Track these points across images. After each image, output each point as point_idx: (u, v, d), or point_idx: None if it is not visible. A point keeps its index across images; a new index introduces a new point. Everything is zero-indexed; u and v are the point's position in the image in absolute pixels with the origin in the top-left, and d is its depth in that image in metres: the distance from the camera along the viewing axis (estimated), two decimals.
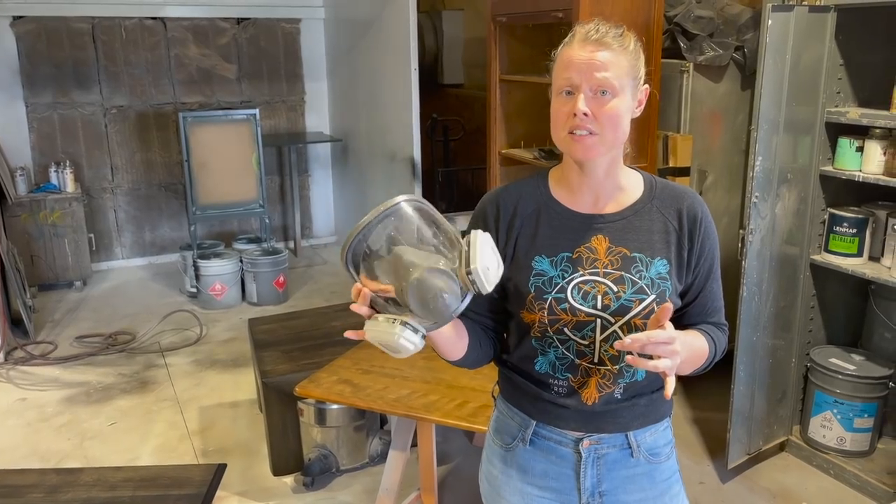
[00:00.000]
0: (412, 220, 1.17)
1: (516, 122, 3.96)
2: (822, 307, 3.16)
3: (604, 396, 1.38)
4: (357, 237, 1.14)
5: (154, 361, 4.24)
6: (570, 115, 1.28)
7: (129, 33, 5.63)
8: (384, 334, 1.15)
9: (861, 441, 3.01)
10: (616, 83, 1.27)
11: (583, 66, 1.27)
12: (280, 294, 5.11)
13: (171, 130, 5.87)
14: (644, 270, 1.33)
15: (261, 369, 2.94)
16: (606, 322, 1.34)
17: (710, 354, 1.39)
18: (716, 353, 1.40)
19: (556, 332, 1.35)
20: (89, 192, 5.70)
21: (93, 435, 3.45)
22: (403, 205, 1.16)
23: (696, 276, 1.39)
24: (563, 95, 1.30)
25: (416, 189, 4.82)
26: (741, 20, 3.60)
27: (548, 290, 1.34)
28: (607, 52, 1.27)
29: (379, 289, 1.17)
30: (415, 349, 1.16)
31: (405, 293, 1.13)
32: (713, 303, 1.44)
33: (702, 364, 1.39)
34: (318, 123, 6.43)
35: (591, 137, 1.28)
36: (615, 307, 1.33)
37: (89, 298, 5.28)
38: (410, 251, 1.15)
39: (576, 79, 1.27)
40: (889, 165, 2.74)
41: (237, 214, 5.53)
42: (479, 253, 1.14)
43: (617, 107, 1.28)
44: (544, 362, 1.39)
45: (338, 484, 3.05)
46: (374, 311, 1.19)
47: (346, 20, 5.83)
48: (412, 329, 1.15)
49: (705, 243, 1.38)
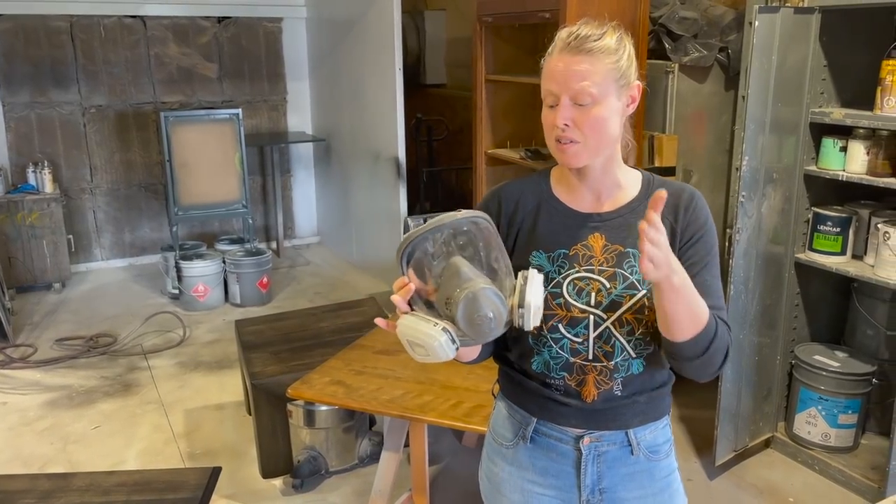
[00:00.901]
0: (481, 239, 1.20)
1: (502, 122, 3.97)
2: (805, 305, 3.20)
3: (602, 393, 1.39)
4: (425, 235, 1.16)
5: (137, 364, 4.19)
6: (555, 125, 1.30)
7: (108, 32, 5.56)
8: (422, 334, 1.15)
9: (845, 437, 3.05)
10: (595, 91, 1.27)
11: (561, 78, 1.29)
12: (264, 295, 5.07)
13: (152, 130, 5.81)
14: (636, 265, 1.34)
15: (250, 371, 2.92)
16: (599, 318, 1.35)
17: (710, 326, 1.27)
18: (716, 331, 1.28)
19: (549, 329, 1.36)
20: (68, 193, 5.62)
21: (76, 439, 3.40)
22: (481, 221, 1.19)
23: (688, 263, 1.33)
24: (548, 105, 1.32)
25: (401, 188, 4.81)
26: (724, 21, 3.63)
27: (544, 284, 1.35)
28: (585, 60, 1.27)
29: (423, 289, 1.18)
30: (444, 358, 1.16)
31: (454, 303, 1.14)
32: (709, 297, 1.34)
33: (700, 330, 1.26)
34: (300, 123, 6.40)
35: (574, 146, 1.30)
36: (607, 303, 1.34)
37: (68, 300, 5.20)
38: (468, 265, 1.17)
39: (556, 90, 1.29)
40: (872, 165, 2.78)
41: (220, 215, 5.48)
42: (534, 290, 1.18)
43: (599, 114, 1.28)
44: (539, 361, 1.40)
45: (327, 486, 3.03)
46: (410, 308, 1.20)
47: (329, 20, 5.81)
48: (451, 338, 1.15)
49: (694, 229, 1.36)
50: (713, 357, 1.30)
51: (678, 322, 1.24)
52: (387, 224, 5.14)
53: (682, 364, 1.33)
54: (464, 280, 1.15)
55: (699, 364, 1.31)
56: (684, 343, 1.27)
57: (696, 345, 1.27)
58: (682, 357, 1.30)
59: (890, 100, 2.66)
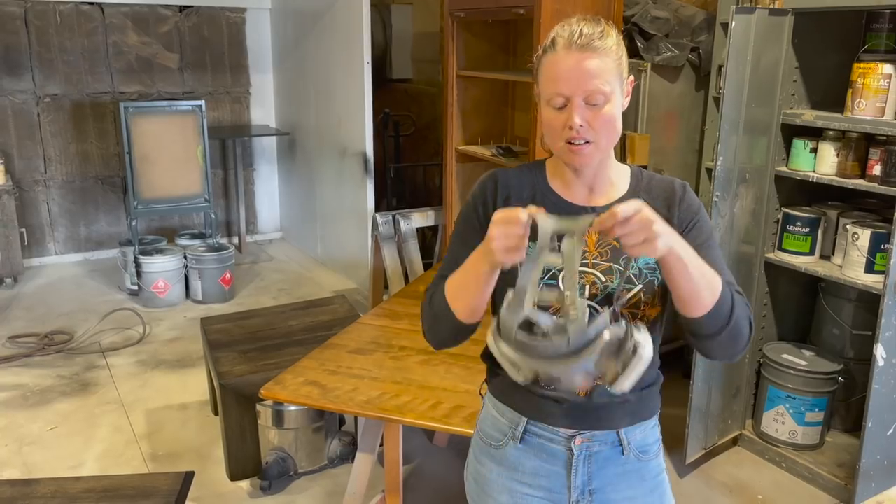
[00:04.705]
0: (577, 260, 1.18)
1: (473, 119, 3.94)
2: (774, 304, 3.24)
3: (597, 387, 1.37)
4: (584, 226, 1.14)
5: (95, 362, 4.06)
6: (566, 126, 1.26)
7: (64, 18, 5.37)
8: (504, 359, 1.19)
9: (812, 434, 3.09)
10: (607, 88, 1.25)
11: (572, 77, 1.25)
12: (226, 292, 4.96)
13: (109, 121, 5.64)
14: (632, 261, 1.33)
15: (217, 371, 2.83)
16: (594, 311, 1.33)
17: (726, 294, 1.25)
18: (733, 299, 1.27)
19: None
20: (20, 185, 5.41)
21: (32, 440, 3.27)
22: None
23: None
24: (554, 107, 1.28)
25: (369, 184, 4.75)
26: (696, 21, 3.66)
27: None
28: (595, 57, 1.25)
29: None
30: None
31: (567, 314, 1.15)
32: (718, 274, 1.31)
33: (718, 299, 1.23)
34: (263, 116, 6.27)
35: (589, 146, 1.28)
36: (602, 297, 1.34)
37: (21, 296, 5.02)
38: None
39: (566, 90, 1.25)
40: (842, 166, 2.82)
41: (181, 209, 5.34)
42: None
43: (610, 111, 1.27)
44: None
45: (296, 487, 2.97)
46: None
47: (295, 11, 5.70)
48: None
49: (689, 217, 1.36)
50: (737, 328, 1.28)
51: (694, 294, 1.22)
52: (353, 220, 5.07)
53: (710, 344, 1.30)
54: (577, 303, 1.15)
55: (727, 338, 1.28)
56: (706, 317, 1.24)
57: (718, 315, 1.25)
58: (708, 333, 1.27)
59: (860, 102, 2.70)
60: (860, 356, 3.07)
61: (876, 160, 2.68)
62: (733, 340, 1.30)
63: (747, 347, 1.34)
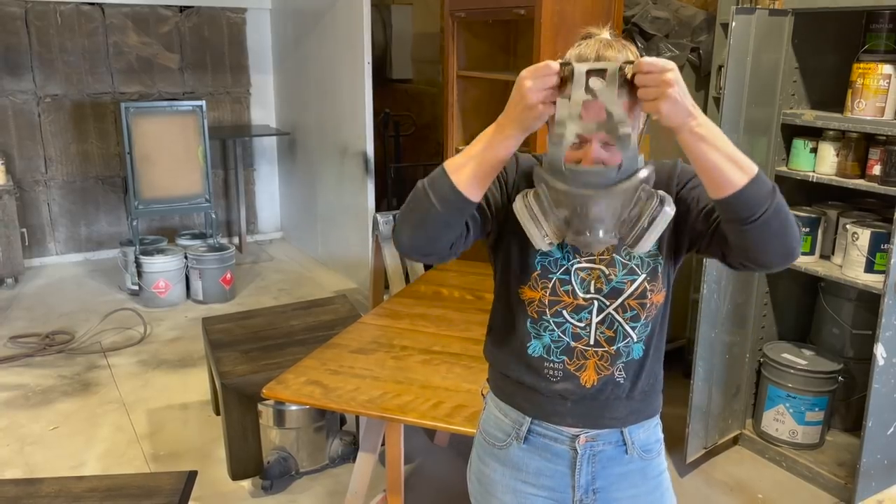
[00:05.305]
0: None
1: (473, 119, 3.94)
2: (774, 304, 3.25)
3: (602, 378, 1.38)
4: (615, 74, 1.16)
5: (96, 362, 4.06)
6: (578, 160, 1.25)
7: (64, 19, 5.37)
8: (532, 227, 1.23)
9: (812, 434, 3.10)
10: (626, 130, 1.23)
11: None
12: (227, 291, 4.97)
13: (110, 121, 5.64)
14: (632, 251, 1.30)
15: (219, 370, 2.84)
16: (602, 304, 1.36)
17: (763, 177, 1.16)
18: (773, 187, 1.17)
19: (553, 314, 1.37)
20: (21, 185, 5.42)
21: (34, 440, 3.28)
22: None
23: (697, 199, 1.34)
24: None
25: (369, 184, 4.76)
26: (696, 22, 3.66)
27: (553, 270, 1.36)
28: None
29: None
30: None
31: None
32: None
33: (754, 175, 1.14)
34: (263, 116, 6.28)
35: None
36: (607, 290, 1.36)
37: (22, 296, 5.03)
38: None
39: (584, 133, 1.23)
40: (841, 166, 2.83)
41: (182, 209, 5.34)
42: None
43: None
44: (538, 345, 1.40)
45: (297, 486, 2.98)
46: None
47: (295, 11, 5.70)
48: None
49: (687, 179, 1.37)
50: (784, 212, 1.16)
51: (722, 170, 1.13)
52: (353, 220, 5.08)
53: (758, 234, 1.16)
54: None
55: (776, 223, 1.15)
56: (743, 192, 1.13)
57: (757, 189, 1.14)
58: (752, 214, 1.14)
59: (860, 102, 2.71)
60: (860, 355, 3.07)
61: (876, 160, 2.69)
62: (783, 227, 1.17)
63: (800, 246, 1.22)
